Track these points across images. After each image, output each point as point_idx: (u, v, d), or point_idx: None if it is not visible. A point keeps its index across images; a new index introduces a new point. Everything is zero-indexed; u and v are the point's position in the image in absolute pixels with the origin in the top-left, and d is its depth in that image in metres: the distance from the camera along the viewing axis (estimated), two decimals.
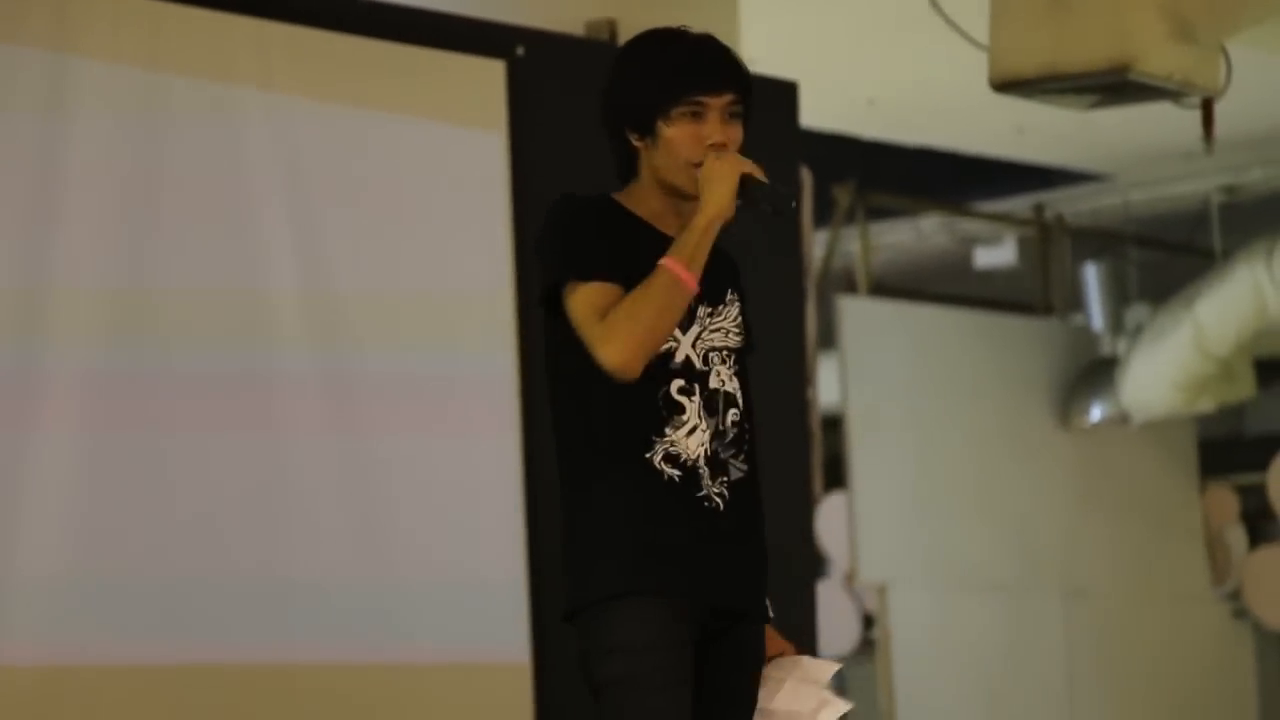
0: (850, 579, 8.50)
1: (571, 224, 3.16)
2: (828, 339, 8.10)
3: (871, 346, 8.08)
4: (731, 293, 3.25)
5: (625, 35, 5.50)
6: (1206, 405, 8.52)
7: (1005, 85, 5.32)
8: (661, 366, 3.13)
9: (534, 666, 4.96)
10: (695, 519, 3.13)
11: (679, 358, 3.15)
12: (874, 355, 8.07)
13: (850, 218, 8.48)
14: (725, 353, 3.21)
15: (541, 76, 5.16)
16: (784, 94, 5.79)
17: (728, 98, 3.17)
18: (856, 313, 8.13)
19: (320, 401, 4.75)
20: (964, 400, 8.27)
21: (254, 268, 4.73)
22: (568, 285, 3.12)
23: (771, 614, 3.25)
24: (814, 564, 6.40)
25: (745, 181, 3.14)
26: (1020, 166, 8.80)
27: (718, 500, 3.15)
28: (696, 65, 3.16)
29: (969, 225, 9.20)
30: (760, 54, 6.50)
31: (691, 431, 3.14)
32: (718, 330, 3.20)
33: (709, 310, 3.20)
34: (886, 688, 7.92)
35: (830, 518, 8.62)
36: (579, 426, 3.16)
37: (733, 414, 3.19)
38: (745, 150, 3.20)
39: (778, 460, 5.63)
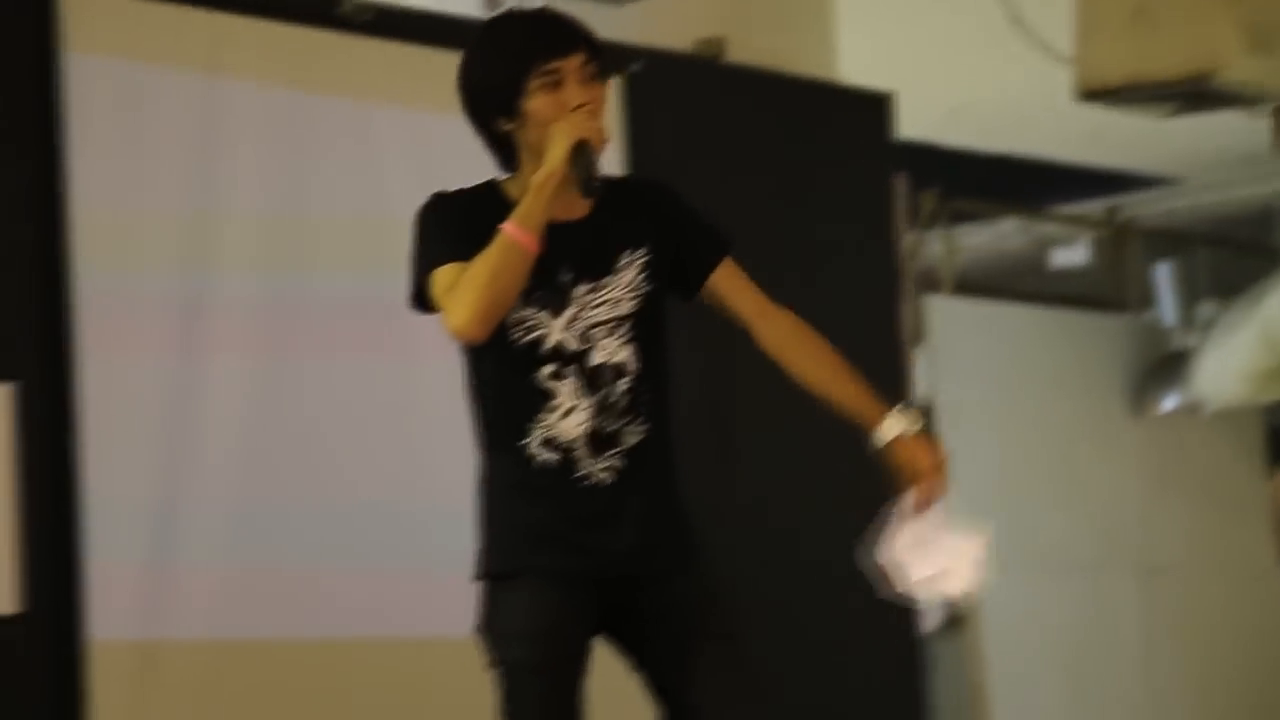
0: None
1: (426, 224, 2.98)
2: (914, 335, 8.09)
3: (956, 342, 8.03)
4: (631, 251, 3.00)
5: (733, 52, 5.49)
6: (1272, 395, 8.39)
7: (1092, 94, 5.27)
8: (529, 355, 2.95)
9: None
10: (570, 501, 2.96)
11: (548, 344, 2.96)
12: (958, 350, 8.03)
13: (934, 222, 8.43)
14: (613, 324, 2.98)
15: (655, 91, 5.16)
16: (880, 105, 5.74)
17: (578, 58, 2.94)
18: (941, 311, 8.08)
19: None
20: (1043, 392, 8.19)
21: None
22: (428, 281, 2.94)
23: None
24: None
25: (580, 146, 2.90)
26: (1094, 171, 8.74)
27: (602, 475, 2.96)
28: (539, 33, 2.95)
29: (1045, 228, 9.14)
30: (855, 68, 6.46)
31: (568, 414, 2.96)
32: (602, 304, 2.98)
33: (589, 288, 2.98)
34: (975, 663, 7.87)
35: None
36: (475, 416, 3.03)
37: (623, 383, 2.97)
38: (841, 159, 3.05)
39: None
